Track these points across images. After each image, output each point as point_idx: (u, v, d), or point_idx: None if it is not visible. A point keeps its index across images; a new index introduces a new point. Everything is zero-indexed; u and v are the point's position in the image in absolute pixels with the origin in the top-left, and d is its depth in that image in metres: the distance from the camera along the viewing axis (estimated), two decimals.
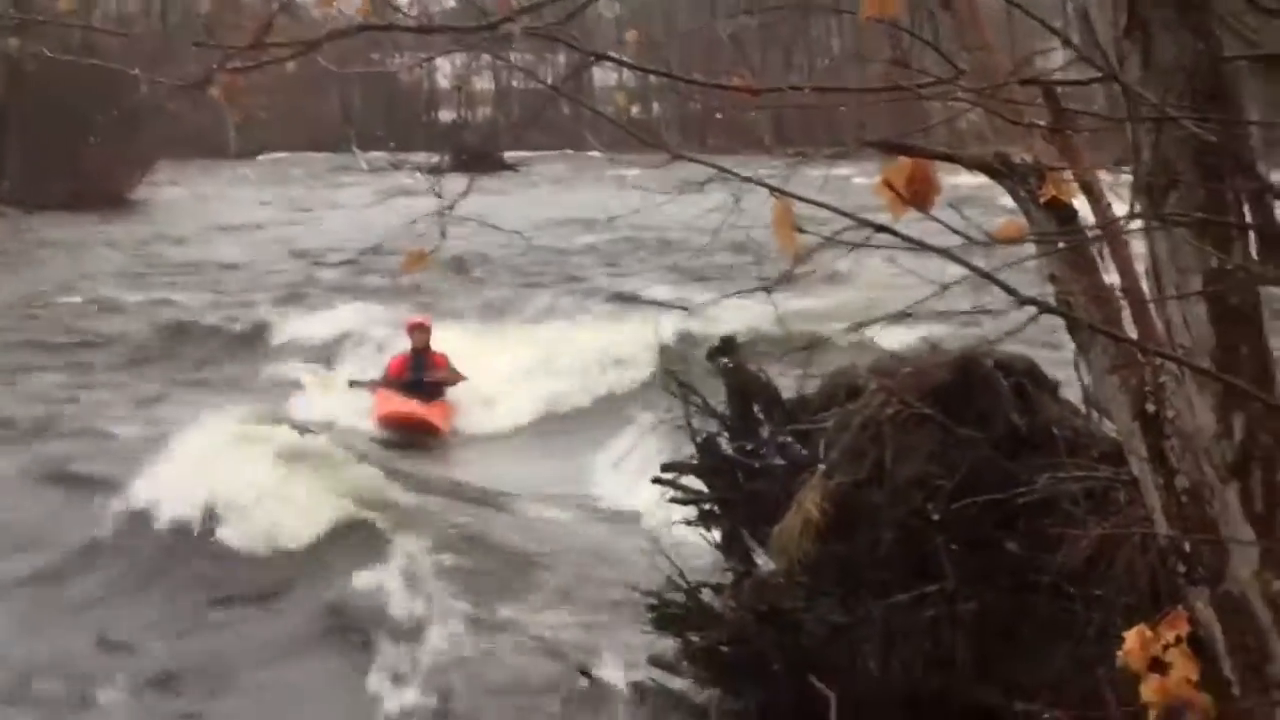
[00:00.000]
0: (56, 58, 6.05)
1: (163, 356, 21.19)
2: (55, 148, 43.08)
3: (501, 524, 12.31)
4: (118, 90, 36.72)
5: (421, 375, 17.35)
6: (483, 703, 8.62)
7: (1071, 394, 7.20)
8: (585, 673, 8.45)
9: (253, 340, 21.97)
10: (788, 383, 7.91)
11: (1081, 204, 4.40)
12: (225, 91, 4.76)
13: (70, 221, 38.38)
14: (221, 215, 41.65)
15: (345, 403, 17.46)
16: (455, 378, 17.53)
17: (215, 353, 21.46)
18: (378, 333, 20.91)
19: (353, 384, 17.89)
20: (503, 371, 18.30)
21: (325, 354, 20.59)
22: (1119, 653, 4.09)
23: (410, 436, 16.64)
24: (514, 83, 72.97)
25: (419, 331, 17.86)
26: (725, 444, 7.91)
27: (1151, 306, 3.95)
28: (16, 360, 20.60)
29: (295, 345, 21.31)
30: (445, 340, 19.19)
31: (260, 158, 70.27)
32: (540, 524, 12.34)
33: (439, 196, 4.91)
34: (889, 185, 3.05)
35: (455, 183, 4.98)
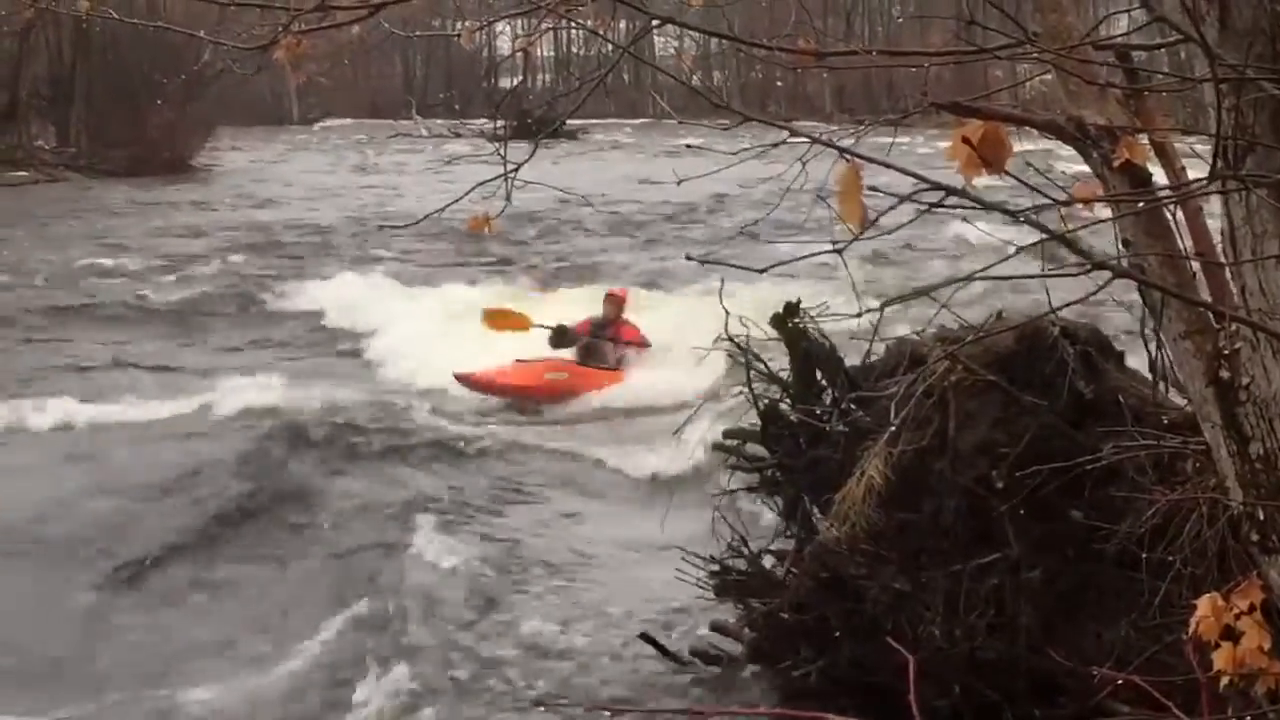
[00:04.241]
0: (123, 21, 6.04)
1: (207, 322, 21.19)
2: (120, 113, 43.41)
3: (563, 488, 12.36)
4: (182, 56, 36.97)
5: (601, 337, 16.85)
6: (544, 666, 8.64)
7: (1136, 362, 7.16)
8: (647, 638, 8.46)
9: (305, 305, 21.95)
10: (852, 349, 7.87)
11: (1155, 168, 4.35)
12: (289, 56, 4.76)
13: (134, 186, 38.64)
14: (283, 181, 41.84)
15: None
16: (640, 343, 16.94)
17: (262, 317, 21.46)
18: (426, 298, 20.92)
19: (560, 330, 16.77)
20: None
21: (379, 319, 20.55)
22: (1191, 620, 4.06)
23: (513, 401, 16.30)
24: (575, 49, 73.01)
25: (610, 303, 17.29)
26: (788, 410, 7.88)
27: (1227, 271, 3.90)
28: (68, 322, 20.79)
29: (350, 309, 21.29)
30: (508, 301, 19.18)
31: (322, 124, 70.64)
32: (600, 489, 12.37)
33: (504, 161, 4.90)
34: (967, 142, 3.01)
35: (516, 149, 4.98)
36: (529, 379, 16.38)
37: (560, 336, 16.72)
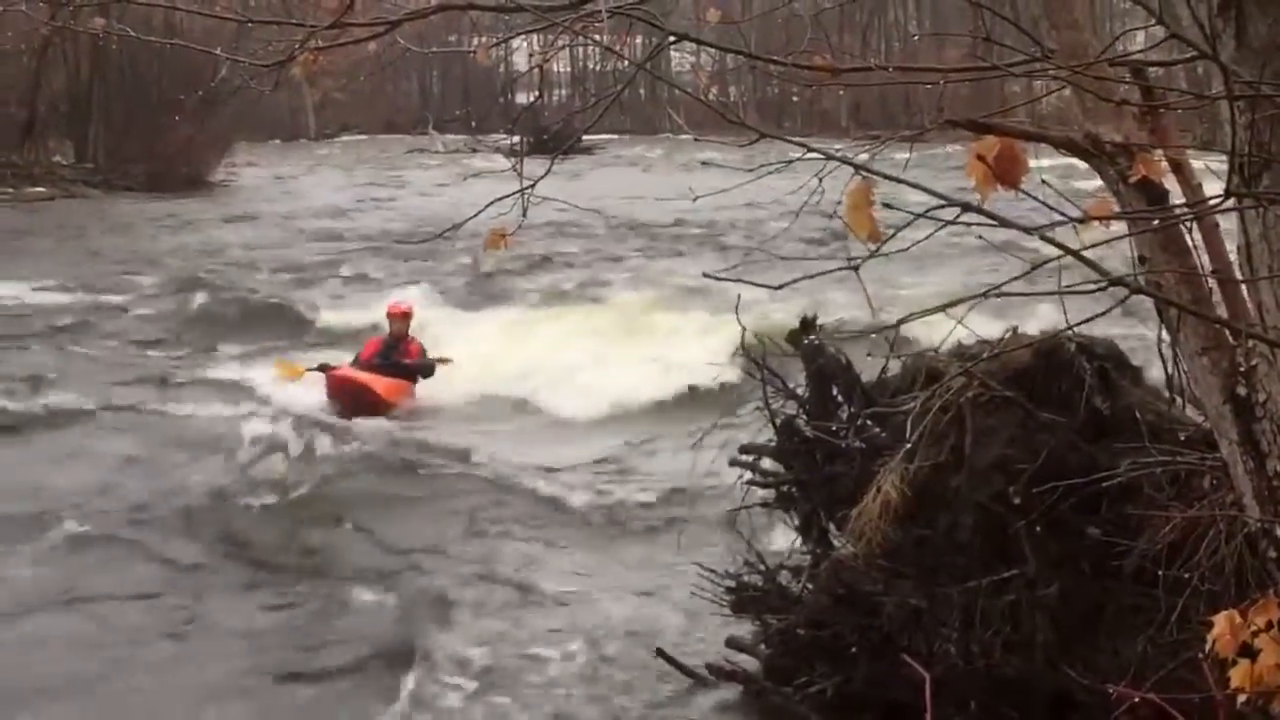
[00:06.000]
0: (140, 38, 6.04)
1: (218, 335, 21.17)
2: (137, 130, 43.60)
3: (579, 505, 12.35)
4: (199, 72, 37.08)
5: (391, 359, 16.78)
6: (558, 682, 8.63)
7: (1153, 378, 7.14)
8: (663, 654, 8.45)
9: (318, 321, 21.92)
10: (868, 365, 7.86)
11: (1171, 185, 4.34)
12: (306, 72, 4.78)
13: (151, 202, 38.74)
14: (299, 196, 41.92)
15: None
16: (429, 364, 16.98)
17: (275, 331, 21.43)
18: (443, 314, 20.91)
19: (323, 368, 16.83)
20: (581, 351, 18.27)
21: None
22: (1208, 637, 4.05)
23: (357, 407, 16.03)
24: (591, 65, 73.13)
25: (397, 319, 17.10)
26: (804, 426, 7.87)
27: (1243, 288, 3.90)
28: (78, 333, 20.89)
29: (352, 329, 21.26)
30: (525, 323, 19.22)
31: (339, 140, 70.81)
32: (616, 505, 12.36)
33: (520, 176, 4.91)
34: (981, 159, 3.01)
35: (532, 165, 4.99)
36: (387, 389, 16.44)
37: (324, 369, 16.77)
